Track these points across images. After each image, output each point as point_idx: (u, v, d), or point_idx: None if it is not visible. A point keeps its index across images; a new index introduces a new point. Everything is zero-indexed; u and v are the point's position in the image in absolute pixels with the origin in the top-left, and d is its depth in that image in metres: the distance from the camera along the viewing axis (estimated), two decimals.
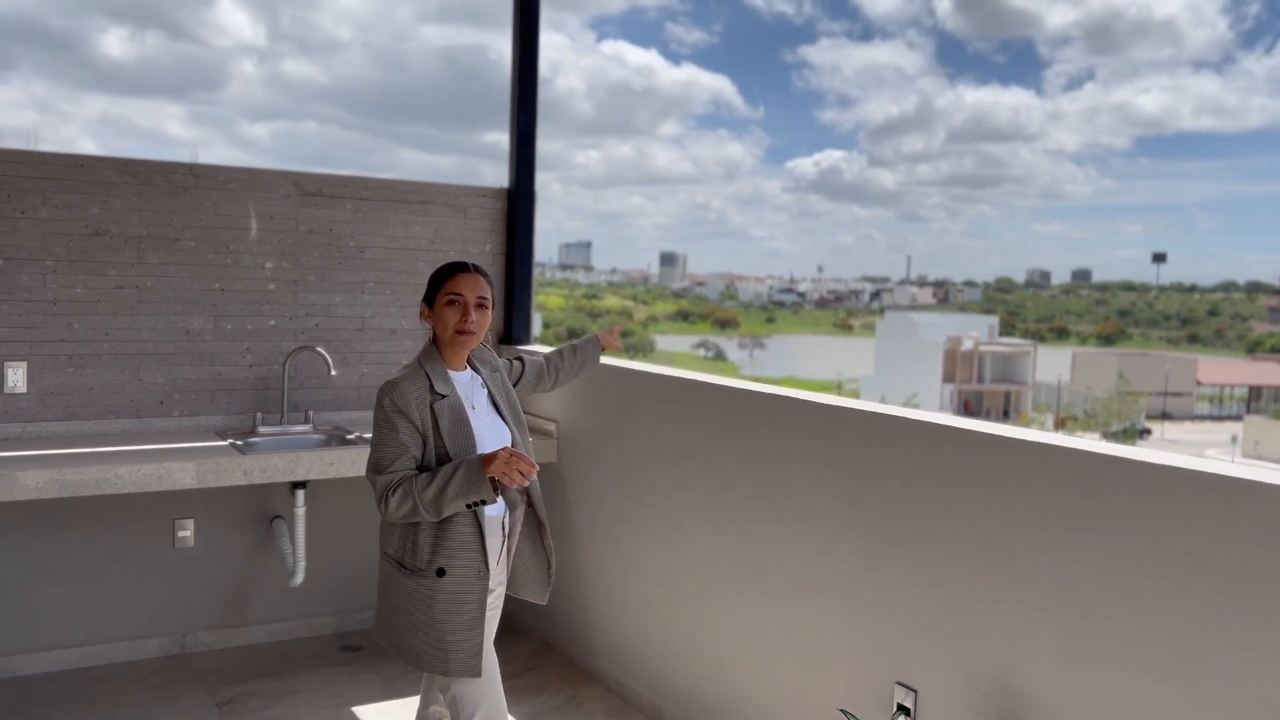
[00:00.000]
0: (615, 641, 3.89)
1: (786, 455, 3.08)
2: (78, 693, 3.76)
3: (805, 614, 3.02)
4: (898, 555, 2.71)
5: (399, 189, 4.48)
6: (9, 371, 3.78)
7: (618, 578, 3.88)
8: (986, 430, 2.53)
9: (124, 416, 4.00)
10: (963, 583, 2.53)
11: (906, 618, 2.69)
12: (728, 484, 3.32)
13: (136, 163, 3.98)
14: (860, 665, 2.83)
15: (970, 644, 2.51)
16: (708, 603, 3.41)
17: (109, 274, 3.94)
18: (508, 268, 4.66)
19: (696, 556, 3.46)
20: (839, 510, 2.90)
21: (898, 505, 2.71)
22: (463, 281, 2.53)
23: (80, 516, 3.92)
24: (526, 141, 4.54)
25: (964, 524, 2.53)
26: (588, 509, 4.04)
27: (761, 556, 3.18)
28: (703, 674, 3.43)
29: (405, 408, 2.43)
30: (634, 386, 3.79)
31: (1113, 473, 2.21)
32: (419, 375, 2.48)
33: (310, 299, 4.33)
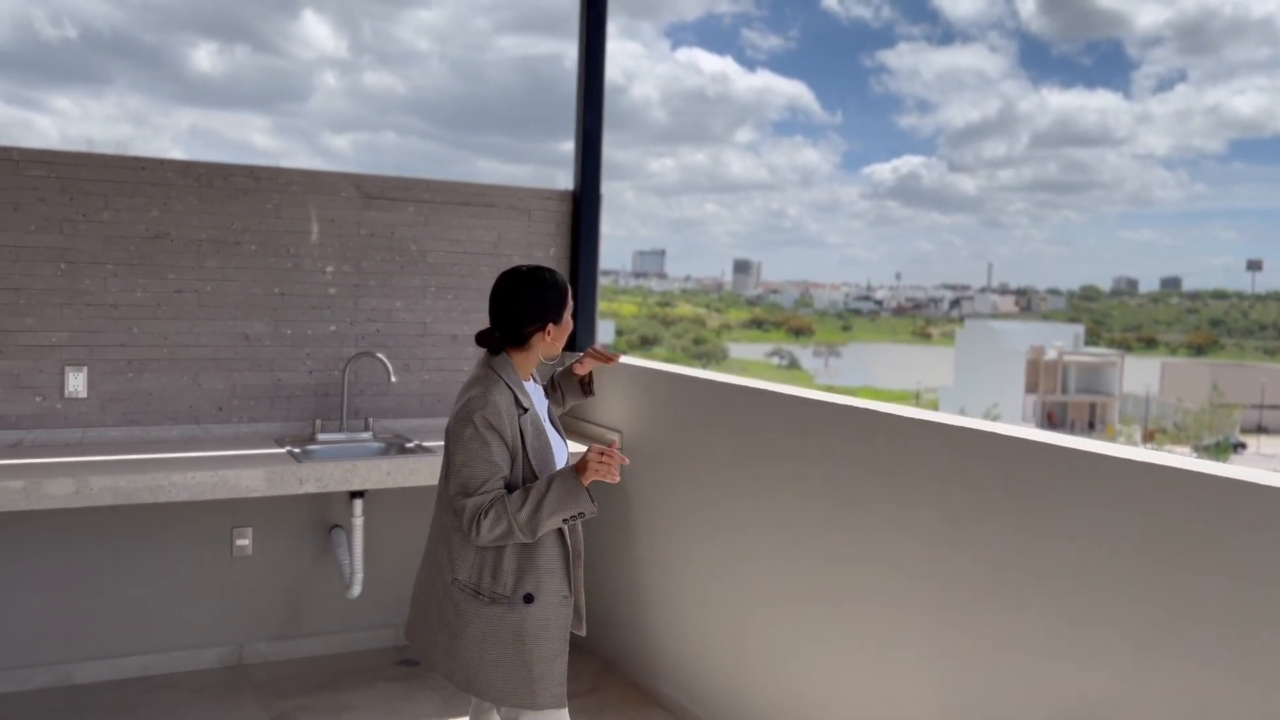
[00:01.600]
0: (679, 663, 3.70)
1: (862, 470, 2.87)
2: (133, 702, 3.71)
3: (884, 638, 2.80)
4: (985, 577, 2.48)
5: (461, 191, 4.37)
6: (70, 376, 3.76)
7: (682, 596, 3.69)
8: (1078, 446, 2.29)
9: (183, 423, 3.95)
10: (1053, 609, 2.29)
11: (993, 645, 2.46)
12: (799, 499, 3.11)
13: (197, 165, 3.93)
14: (943, 694, 2.60)
15: (1061, 676, 2.27)
16: (778, 625, 3.21)
17: (169, 278, 3.89)
18: (572, 272, 4.52)
19: (767, 576, 3.26)
20: (918, 528, 2.68)
21: (983, 524, 2.48)
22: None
23: (139, 523, 3.87)
24: (592, 143, 4.40)
25: (1055, 546, 2.29)
26: (651, 522, 3.87)
27: (836, 577, 2.97)
28: (772, 702, 3.22)
29: (499, 424, 2.26)
30: (701, 396, 3.61)
31: (1229, 496, 1.96)
32: (503, 388, 2.31)
33: (371, 304, 4.24)
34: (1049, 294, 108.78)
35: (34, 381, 3.71)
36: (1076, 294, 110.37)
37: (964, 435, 2.57)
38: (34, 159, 3.67)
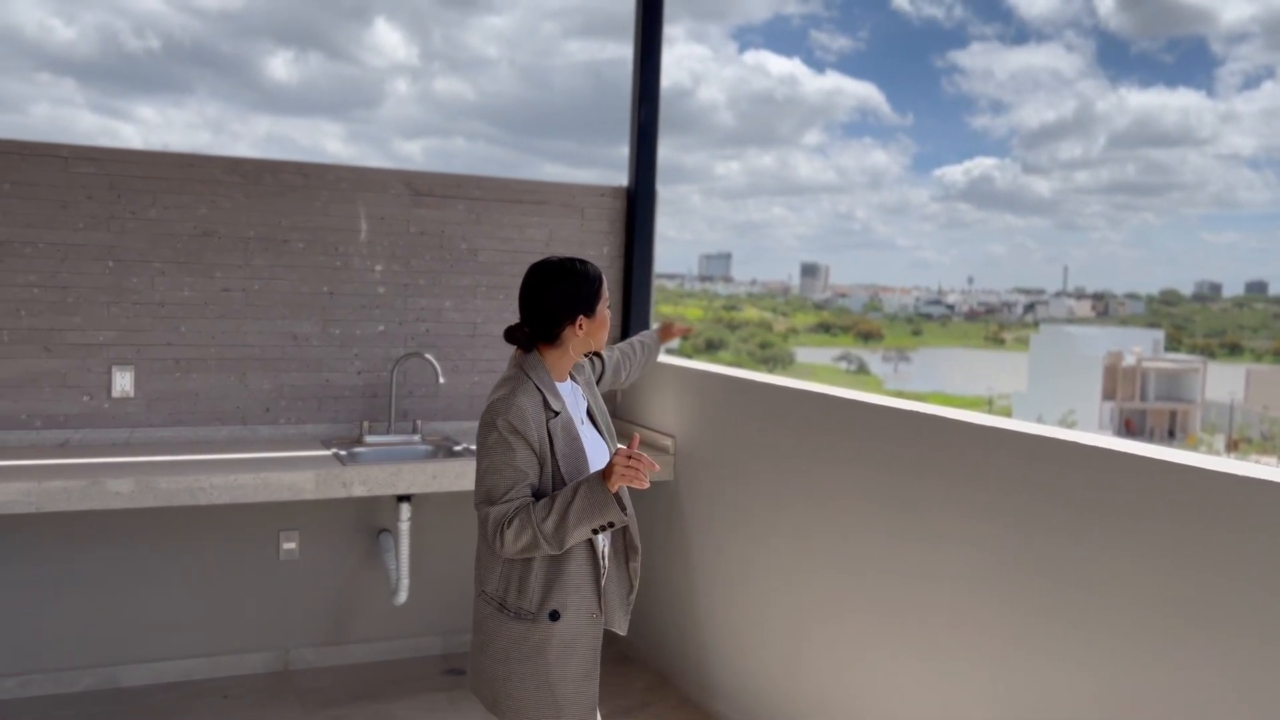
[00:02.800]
0: (736, 680, 3.53)
1: (928, 478, 2.67)
2: (176, 707, 3.65)
3: (949, 655, 2.59)
4: (1058, 594, 2.27)
5: (513, 188, 4.25)
6: (117, 375, 3.71)
7: (738, 607, 3.52)
8: (1161, 456, 2.07)
9: (230, 423, 3.89)
10: (1133, 632, 2.08)
11: (1066, 667, 2.24)
12: (861, 508, 2.92)
13: (245, 161, 3.86)
14: (1009, 717, 2.39)
15: (1142, 707, 2.05)
16: (837, 639, 3.02)
17: (216, 276, 3.84)
18: (626, 270, 4.38)
19: (826, 588, 3.07)
20: (989, 541, 2.47)
21: (1058, 538, 2.27)
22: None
23: (187, 525, 3.82)
24: (647, 138, 4.25)
25: (1136, 563, 2.07)
26: (706, 532, 3.70)
27: (900, 590, 2.78)
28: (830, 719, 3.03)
29: (524, 428, 2.10)
30: (760, 400, 3.43)
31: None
32: (531, 390, 2.15)
33: (420, 303, 4.14)
34: (1127, 298, 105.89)
35: (81, 381, 3.68)
36: (1156, 298, 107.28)
37: (1039, 444, 2.36)
38: (82, 156, 3.63)
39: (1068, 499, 2.27)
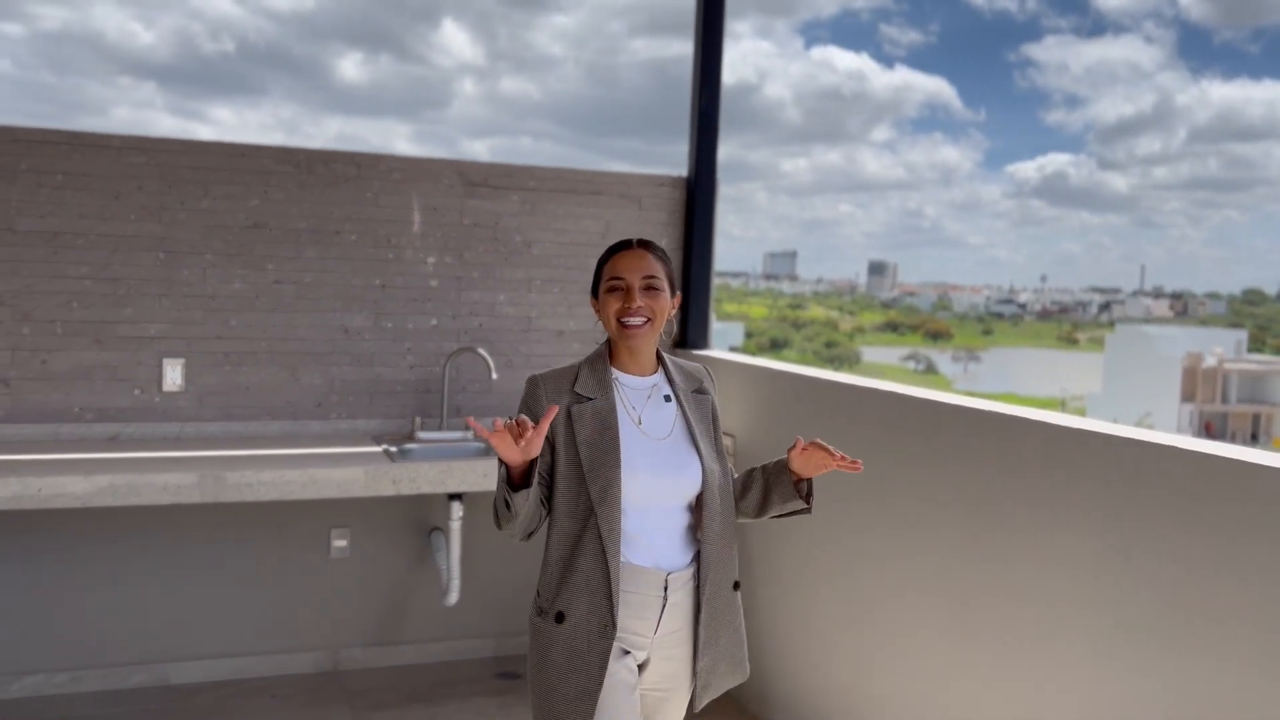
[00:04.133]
0: (796, 692, 3.36)
1: (1014, 487, 2.47)
2: (225, 706, 3.59)
3: (1033, 677, 2.40)
4: (1161, 614, 2.06)
5: (568, 178, 4.12)
6: (168, 369, 3.67)
7: (800, 616, 3.35)
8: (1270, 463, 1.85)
9: (280, 418, 3.82)
10: (1244, 655, 1.86)
11: (1169, 695, 2.03)
12: (940, 518, 2.73)
13: (296, 151, 3.79)
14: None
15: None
16: (911, 656, 2.83)
17: (268, 268, 3.77)
18: (685, 263, 4.22)
19: (899, 600, 2.89)
20: (1079, 554, 2.27)
21: (1159, 554, 2.06)
22: (624, 261, 2.03)
23: (236, 521, 3.76)
24: (707, 125, 4.09)
25: (1249, 579, 1.86)
26: (766, 536, 3.53)
27: (981, 606, 2.58)
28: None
29: (534, 404, 2.01)
30: (826, 399, 3.25)
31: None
32: (568, 372, 2.05)
33: (474, 297, 4.03)
34: (1208, 298, 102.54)
35: (132, 374, 3.64)
36: (1238, 298, 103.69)
37: (1133, 448, 2.15)
38: (134, 146, 3.59)
39: (1167, 510, 2.06)
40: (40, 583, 3.55)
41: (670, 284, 2.06)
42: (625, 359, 2.07)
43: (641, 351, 2.05)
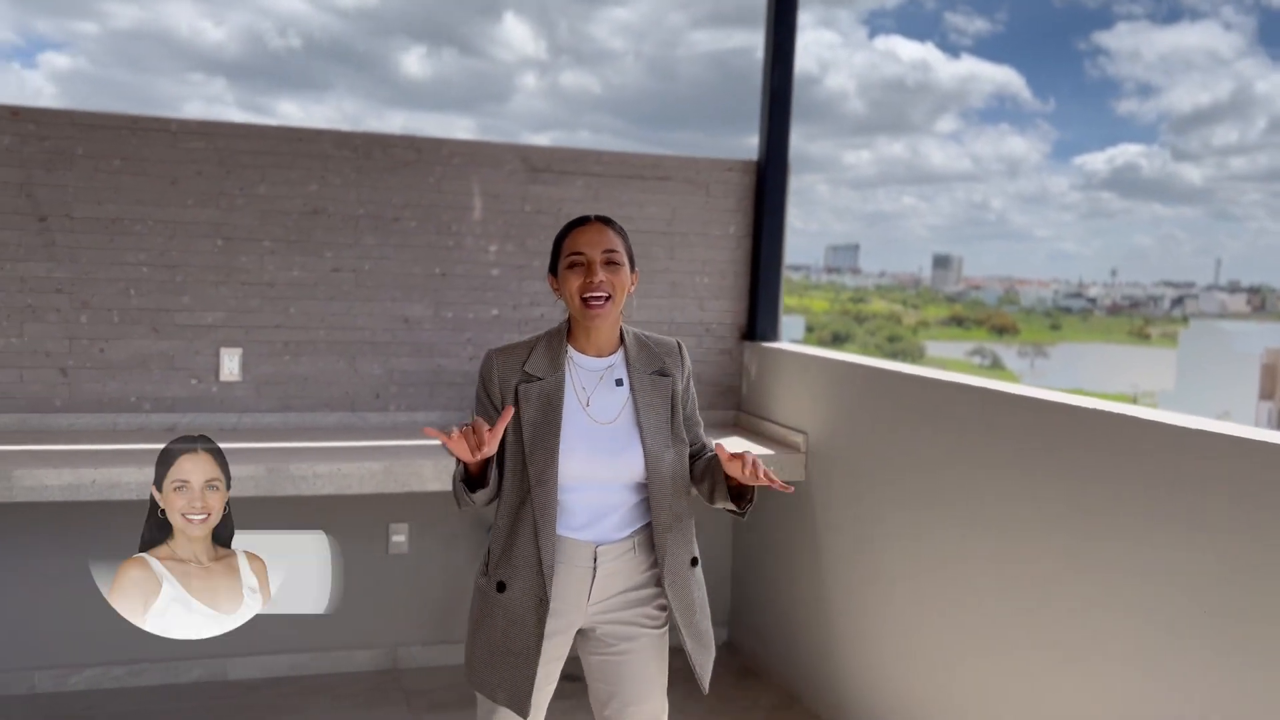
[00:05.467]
0: (872, 702, 3.17)
1: (1115, 491, 2.27)
2: (282, 704, 3.52)
3: (1138, 700, 2.19)
4: (1264, 631, 1.85)
5: (633, 163, 3.97)
6: (225, 358, 3.60)
7: (877, 624, 3.16)
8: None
9: (339, 409, 3.73)
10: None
11: None
12: (1030, 522, 2.53)
13: (355, 135, 3.70)
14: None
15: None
16: (999, 670, 2.64)
17: (326, 255, 3.68)
18: (754, 252, 4.05)
19: (985, 609, 2.69)
20: (1194, 568, 2.06)
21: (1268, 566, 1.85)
22: (582, 236, 2.02)
23: (293, 515, 3.67)
24: (780, 104, 3.90)
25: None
26: (841, 539, 3.35)
27: (1077, 617, 2.38)
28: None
29: (487, 380, 2.06)
30: (906, 394, 3.06)
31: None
32: (522, 348, 2.07)
33: (535, 287, 3.90)
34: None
35: (190, 363, 3.57)
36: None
37: (1255, 450, 1.94)
38: (192, 130, 3.52)
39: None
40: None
41: (630, 259, 2.06)
42: (583, 338, 2.07)
43: (601, 330, 2.06)
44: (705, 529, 4.09)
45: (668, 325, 4.02)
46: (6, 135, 3.33)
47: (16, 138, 3.35)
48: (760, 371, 3.94)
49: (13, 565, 3.45)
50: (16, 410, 3.41)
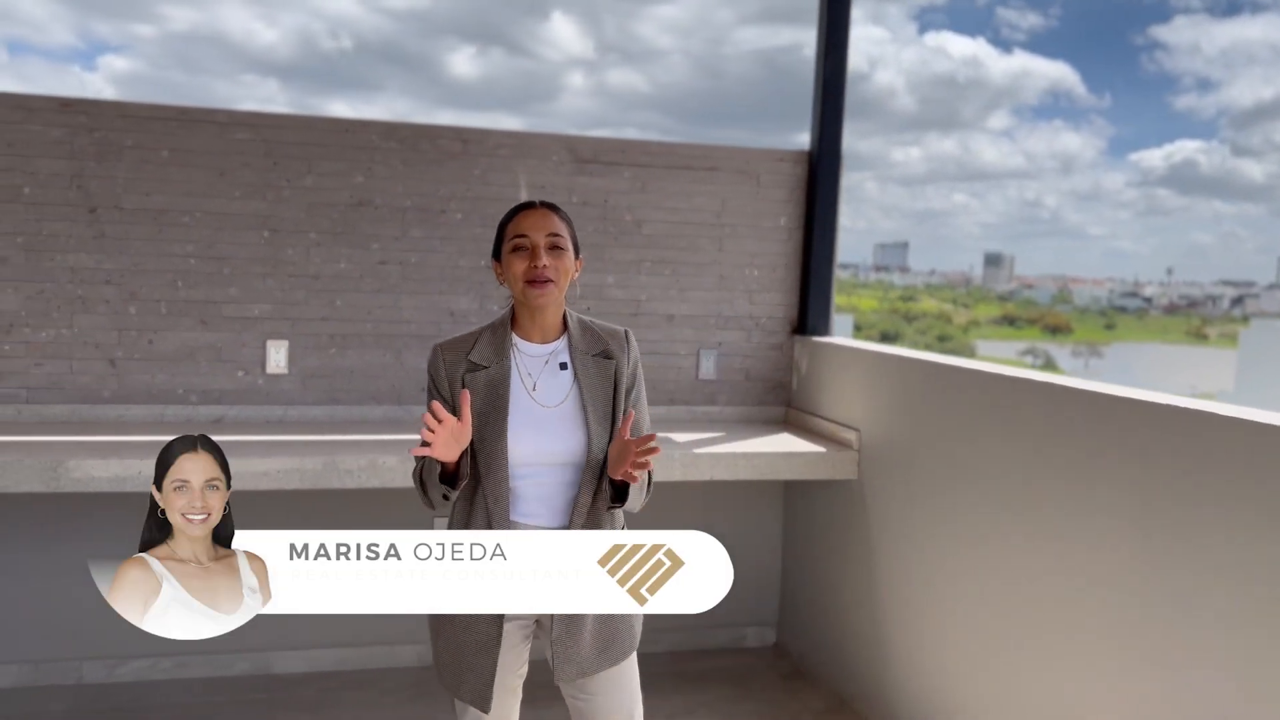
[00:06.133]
0: (924, 707, 3.07)
1: (1192, 491, 2.15)
2: (325, 699, 3.50)
3: (1208, 700, 2.08)
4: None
5: (682, 154, 3.89)
6: (271, 350, 3.59)
7: (930, 627, 3.06)
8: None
9: (385, 402, 3.71)
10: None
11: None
12: (1097, 524, 2.42)
13: (402, 126, 3.67)
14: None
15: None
16: (1061, 679, 2.53)
17: (372, 248, 3.65)
18: (805, 243, 3.95)
19: (1044, 611, 2.58)
20: (1267, 563, 1.94)
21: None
22: (526, 220, 2.04)
23: (337, 508, 3.66)
24: (833, 93, 3.81)
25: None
26: (894, 539, 3.25)
27: (1151, 626, 2.27)
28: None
29: (435, 374, 2.06)
30: (965, 389, 2.96)
31: None
32: (467, 339, 2.08)
33: (582, 279, 3.82)
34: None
35: (236, 355, 3.56)
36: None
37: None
38: (240, 121, 3.51)
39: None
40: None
41: (574, 245, 2.07)
42: (527, 324, 2.07)
43: (544, 314, 2.06)
44: (755, 531, 4.03)
45: (715, 319, 3.95)
46: (57, 127, 3.35)
47: (68, 129, 3.36)
48: (811, 367, 3.85)
49: (61, 555, 3.47)
50: (67, 401, 3.42)
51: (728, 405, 3.97)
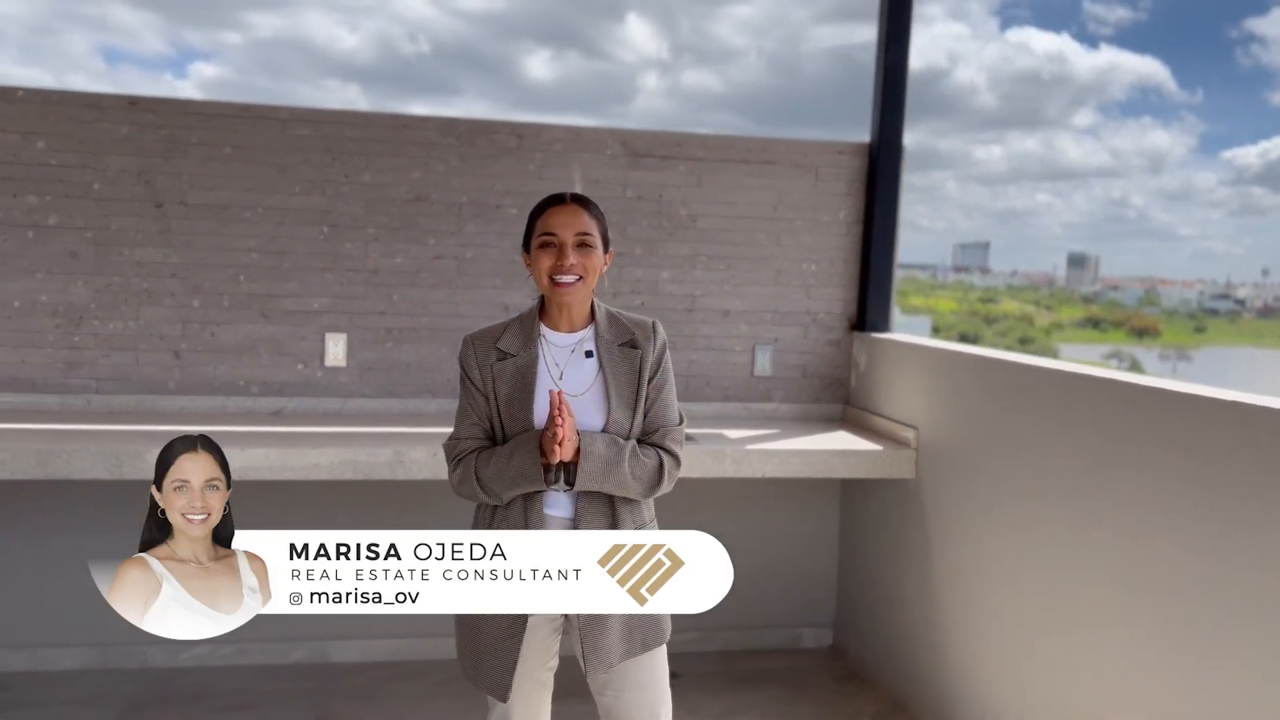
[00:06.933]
0: (982, 711, 2.98)
1: (1248, 488, 2.05)
2: (377, 688, 3.54)
3: (1274, 706, 1.98)
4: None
5: (738, 147, 3.85)
6: (330, 343, 3.64)
7: (989, 630, 2.97)
8: None
9: (440, 396, 3.74)
10: None
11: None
12: (1156, 522, 2.32)
13: (460, 122, 3.69)
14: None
15: None
16: (1122, 679, 2.43)
17: (429, 243, 3.69)
18: (865, 238, 3.88)
19: (1106, 615, 2.49)
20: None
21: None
22: (555, 217, 2.06)
23: (392, 499, 3.69)
24: (894, 84, 3.72)
25: None
26: (952, 540, 3.17)
27: (1208, 623, 2.17)
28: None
29: (466, 364, 2.10)
30: (1027, 387, 2.87)
31: None
32: (497, 329, 2.12)
33: (636, 274, 3.83)
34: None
35: (296, 348, 3.63)
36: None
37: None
38: (301, 118, 3.57)
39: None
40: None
41: (603, 240, 2.10)
42: (555, 315, 2.11)
43: (573, 308, 2.09)
44: (812, 531, 3.96)
45: (770, 314, 3.89)
46: (126, 125, 3.44)
47: (135, 127, 3.45)
48: (870, 364, 3.77)
49: (128, 541, 3.55)
50: (133, 391, 3.52)
51: (783, 402, 3.91)
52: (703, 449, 3.28)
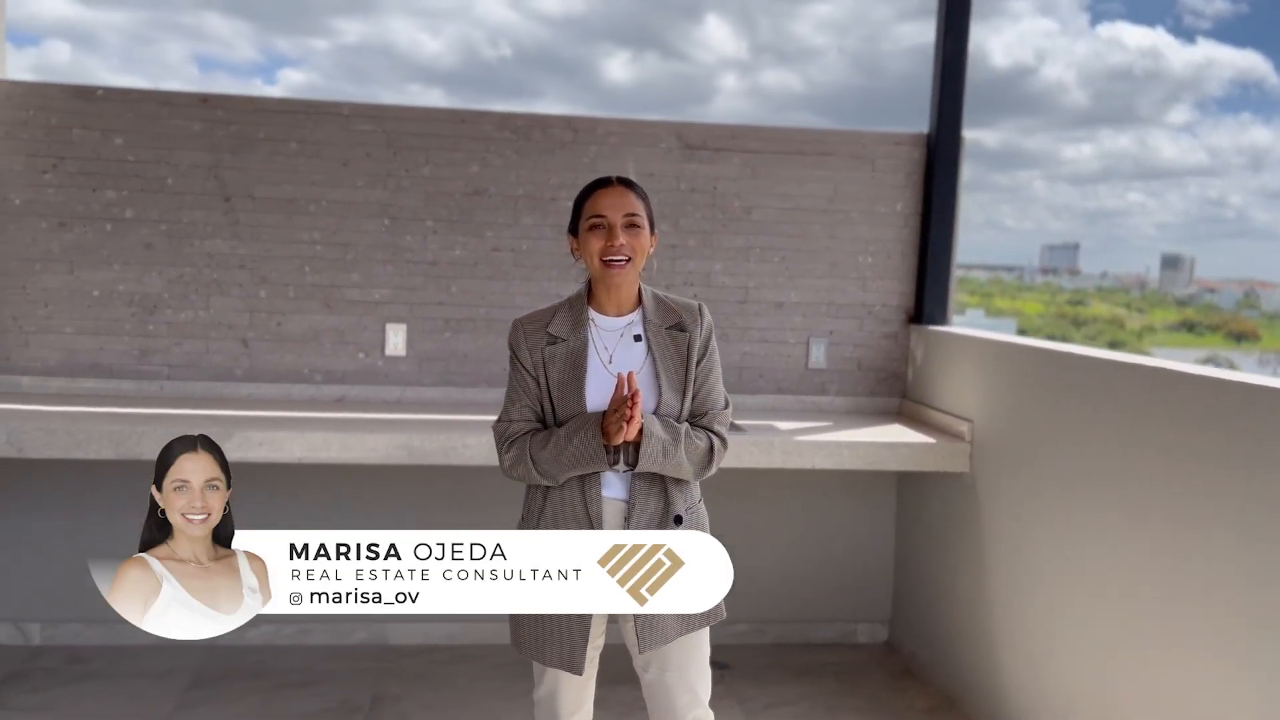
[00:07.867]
0: (1036, 710, 2.93)
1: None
2: (434, 670, 3.62)
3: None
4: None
5: (794, 139, 3.84)
6: (390, 333, 3.74)
7: (1043, 627, 2.92)
8: None
9: (497, 385, 3.80)
10: None
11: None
12: (1217, 518, 2.26)
13: (516, 116, 3.76)
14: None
15: None
16: (1179, 678, 2.37)
17: (486, 235, 3.76)
18: (923, 230, 3.84)
19: (1164, 612, 2.43)
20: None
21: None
22: (604, 199, 2.08)
23: (447, 485, 3.76)
24: (952, 73, 3.68)
25: None
26: (1007, 536, 3.12)
27: (1273, 628, 2.10)
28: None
29: (516, 347, 2.14)
30: (1086, 379, 2.81)
31: None
32: (546, 314, 2.15)
33: (689, 266, 3.85)
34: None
35: (358, 338, 3.73)
36: None
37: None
38: (362, 114, 3.67)
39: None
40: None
41: (650, 222, 2.11)
42: (603, 299, 2.13)
43: (621, 290, 2.11)
44: (868, 526, 3.92)
45: (825, 306, 3.87)
46: (197, 121, 3.58)
47: (206, 123, 3.59)
48: (927, 357, 3.73)
49: None
50: (203, 378, 3.66)
51: (838, 395, 3.89)
52: (752, 440, 3.28)
